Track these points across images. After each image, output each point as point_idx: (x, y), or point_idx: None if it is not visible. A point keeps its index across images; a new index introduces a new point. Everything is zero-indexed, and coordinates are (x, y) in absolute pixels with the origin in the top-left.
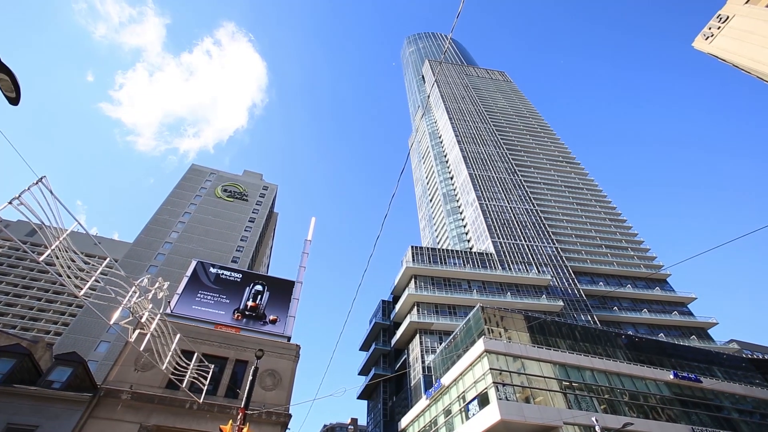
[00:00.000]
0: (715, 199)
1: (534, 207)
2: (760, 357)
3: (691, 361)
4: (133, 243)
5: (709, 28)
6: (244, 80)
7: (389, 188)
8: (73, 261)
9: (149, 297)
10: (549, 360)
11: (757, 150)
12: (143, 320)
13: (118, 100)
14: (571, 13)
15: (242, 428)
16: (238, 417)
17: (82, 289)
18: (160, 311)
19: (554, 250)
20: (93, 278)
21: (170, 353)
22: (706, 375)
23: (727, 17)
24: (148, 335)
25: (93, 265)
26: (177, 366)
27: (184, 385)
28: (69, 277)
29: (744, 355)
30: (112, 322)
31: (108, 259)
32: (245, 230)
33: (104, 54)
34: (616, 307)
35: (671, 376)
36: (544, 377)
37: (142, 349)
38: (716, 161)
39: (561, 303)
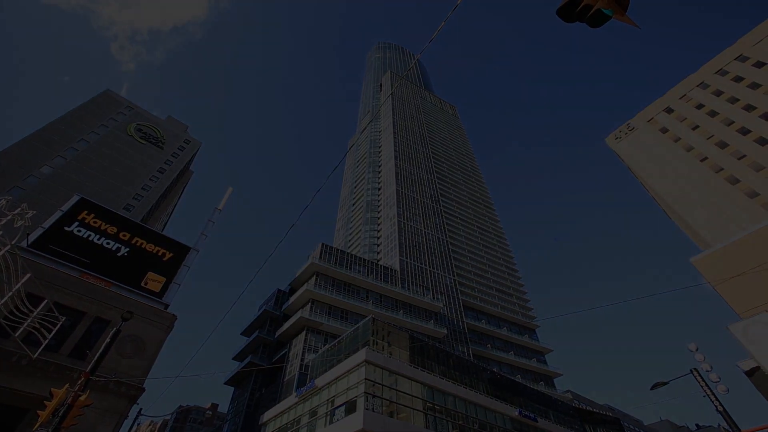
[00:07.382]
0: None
1: (446, 237)
2: (584, 407)
3: (534, 403)
4: None
5: (620, 131)
6: None
7: (317, 177)
8: None
9: (2, 222)
10: (421, 381)
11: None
12: None
13: None
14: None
15: (80, 395)
16: (79, 382)
17: None
18: (12, 242)
19: (452, 281)
20: None
21: (10, 294)
22: (543, 417)
23: (634, 127)
24: None
25: None
26: (15, 310)
27: (17, 334)
28: None
29: (574, 404)
30: None
31: None
32: (150, 179)
33: None
34: (489, 345)
35: (516, 413)
36: (412, 396)
37: None
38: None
39: (445, 331)
